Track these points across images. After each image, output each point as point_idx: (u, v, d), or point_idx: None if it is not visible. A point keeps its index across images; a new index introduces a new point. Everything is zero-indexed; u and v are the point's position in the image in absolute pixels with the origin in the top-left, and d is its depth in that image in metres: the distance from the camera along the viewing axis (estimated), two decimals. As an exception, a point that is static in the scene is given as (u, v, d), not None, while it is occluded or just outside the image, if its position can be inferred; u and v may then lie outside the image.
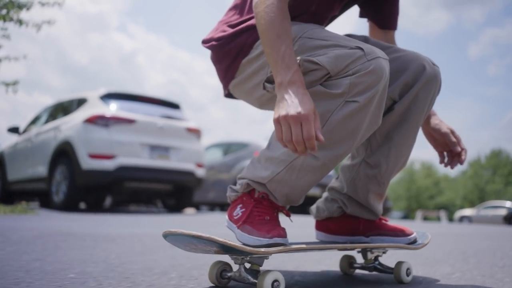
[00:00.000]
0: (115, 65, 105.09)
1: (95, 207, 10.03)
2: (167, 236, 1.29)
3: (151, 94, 8.03)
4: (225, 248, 1.24)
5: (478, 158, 45.62)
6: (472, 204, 38.19)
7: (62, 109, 8.29)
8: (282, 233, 1.31)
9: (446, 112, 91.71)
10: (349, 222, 1.65)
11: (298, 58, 1.31)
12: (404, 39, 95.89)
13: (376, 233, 1.62)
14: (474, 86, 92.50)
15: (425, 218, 33.58)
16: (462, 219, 26.91)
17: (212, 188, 10.44)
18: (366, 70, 1.28)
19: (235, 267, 1.34)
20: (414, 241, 1.60)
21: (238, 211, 1.42)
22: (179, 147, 7.61)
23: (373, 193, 1.60)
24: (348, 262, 1.73)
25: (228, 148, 10.82)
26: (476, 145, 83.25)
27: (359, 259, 1.89)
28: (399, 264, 1.57)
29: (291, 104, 1.20)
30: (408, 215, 44.37)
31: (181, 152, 7.63)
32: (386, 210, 20.09)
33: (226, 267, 1.39)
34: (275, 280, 1.22)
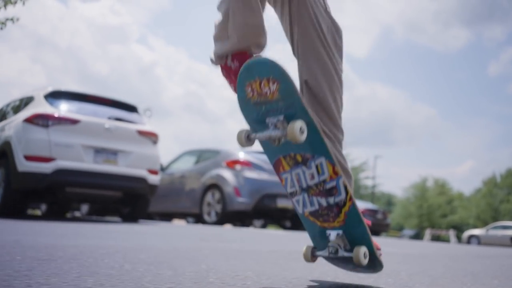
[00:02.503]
0: (135, 76, 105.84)
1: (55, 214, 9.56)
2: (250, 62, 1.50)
3: (104, 95, 7.52)
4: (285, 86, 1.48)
5: (493, 176, 44.28)
6: (484, 224, 36.90)
7: (13, 108, 7.85)
8: None
9: (463, 130, 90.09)
10: None
11: None
12: (421, 56, 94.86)
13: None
14: (493, 105, 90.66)
15: (437, 238, 32.49)
16: (470, 238, 25.92)
17: (183, 197, 9.88)
18: None
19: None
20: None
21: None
22: (129, 151, 7.08)
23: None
24: (311, 251, 1.74)
25: (200, 155, 10.28)
26: (493, 164, 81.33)
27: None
28: (358, 248, 1.61)
29: None
30: (419, 234, 43.15)
31: (130, 157, 7.09)
32: (385, 226, 19.35)
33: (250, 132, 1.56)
34: (302, 126, 1.42)
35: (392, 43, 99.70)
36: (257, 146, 1.67)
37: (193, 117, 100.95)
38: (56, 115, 6.59)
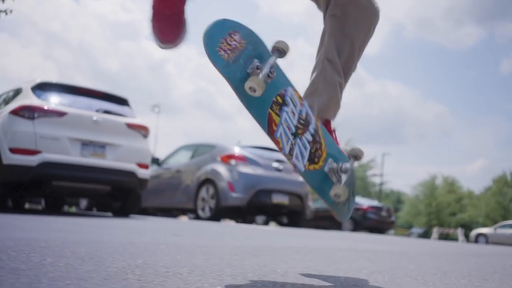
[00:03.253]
0: (145, 73, 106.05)
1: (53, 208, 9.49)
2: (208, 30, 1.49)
3: (93, 87, 7.40)
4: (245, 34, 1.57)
5: (504, 175, 43.68)
6: (494, 223, 36.40)
7: (4, 100, 7.76)
8: None
9: (474, 128, 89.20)
10: None
11: None
12: (433, 53, 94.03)
13: None
14: (505, 103, 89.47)
15: (446, 236, 32.12)
16: (478, 237, 25.59)
17: (179, 192, 9.75)
18: None
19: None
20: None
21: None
22: (117, 145, 6.95)
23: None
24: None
25: (196, 150, 10.14)
26: (504, 163, 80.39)
27: None
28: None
29: None
30: (428, 232, 42.74)
31: (119, 150, 6.96)
32: (390, 224, 19.10)
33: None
34: None
35: (403, 40, 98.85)
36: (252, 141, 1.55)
37: (203, 114, 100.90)
38: (42, 107, 6.48)
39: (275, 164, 9.22)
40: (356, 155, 1.73)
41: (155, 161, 10.88)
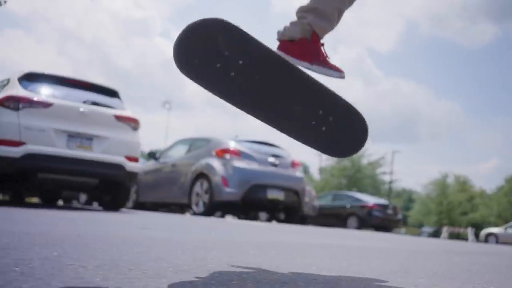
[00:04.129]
0: (157, 69, 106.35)
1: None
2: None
3: (83, 78, 7.26)
4: None
5: (517, 173, 42.95)
6: (505, 222, 35.76)
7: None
8: None
9: (489, 127, 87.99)
10: (303, 45, 1.92)
11: None
12: (446, 51, 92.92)
13: (320, 65, 1.93)
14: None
15: (457, 235, 31.66)
16: (488, 237, 25.16)
17: (174, 187, 9.61)
18: None
19: None
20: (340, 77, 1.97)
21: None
22: (105, 137, 6.81)
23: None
24: None
25: (192, 144, 9.98)
26: (519, 162, 79.10)
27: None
28: None
29: None
30: (438, 231, 42.18)
31: (107, 143, 6.82)
32: (396, 222, 18.76)
33: None
34: None
35: (416, 38, 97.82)
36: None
37: (215, 111, 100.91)
38: (27, 97, 6.36)
39: (271, 159, 9.02)
40: None
41: (152, 155, 10.77)
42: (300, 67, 1.89)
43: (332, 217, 18.27)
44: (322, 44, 1.98)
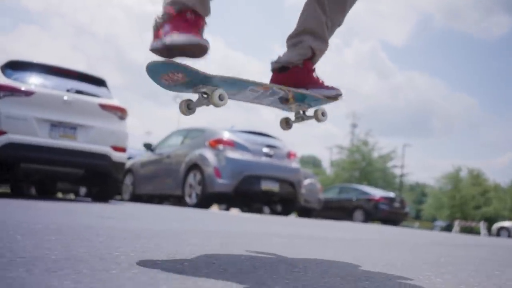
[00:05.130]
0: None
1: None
2: (150, 65, 1.65)
3: (68, 66, 7.11)
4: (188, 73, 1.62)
5: (532, 167, 42.14)
6: (519, 216, 35.23)
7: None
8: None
9: (504, 121, 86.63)
10: (296, 73, 2.01)
11: None
12: (461, 44, 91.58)
13: (315, 87, 2.00)
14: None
15: (470, 230, 31.17)
16: (500, 231, 24.72)
17: (169, 178, 9.45)
18: None
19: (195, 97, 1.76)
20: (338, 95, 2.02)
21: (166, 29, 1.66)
22: (89, 126, 6.65)
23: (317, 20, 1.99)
24: (285, 122, 2.13)
25: (187, 134, 9.80)
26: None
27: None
28: (316, 110, 2.02)
29: None
30: (451, 225, 41.62)
31: (91, 132, 6.67)
32: (403, 216, 18.41)
33: (189, 101, 1.78)
34: (221, 94, 1.65)
35: (430, 31, 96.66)
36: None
37: (228, 105, 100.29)
38: (8, 85, 6.22)
39: (266, 150, 8.81)
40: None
41: (148, 146, 10.61)
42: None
43: (338, 210, 18.01)
44: (314, 70, 2.04)
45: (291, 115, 2.20)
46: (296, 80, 1.98)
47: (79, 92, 6.75)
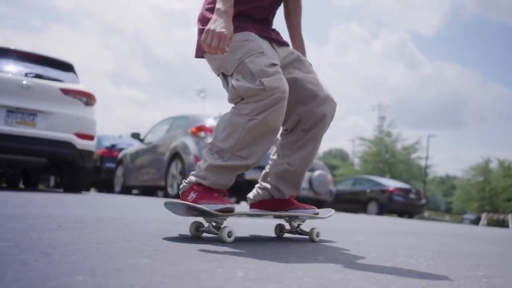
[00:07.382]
0: (197, 59, 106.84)
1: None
2: (167, 204, 2.13)
3: (34, 51, 6.75)
4: (201, 212, 2.06)
5: None
6: (552, 208, 33.65)
7: None
8: (231, 202, 2.12)
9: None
10: (275, 202, 2.48)
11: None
12: (494, 32, 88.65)
13: (293, 208, 2.47)
14: None
15: (501, 223, 29.95)
16: (526, 223, 23.51)
17: (153, 168, 9.05)
18: (264, 102, 2.09)
19: (206, 224, 2.13)
20: (317, 213, 2.50)
21: (192, 195, 2.13)
22: (50, 112, 6.29)
23: (290, 182, 2.47)
24: (279, 228, 2.59)
25: (172, 123, 9.37)
26: None
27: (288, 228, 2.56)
28: (312, 229, 2.51)
29: (220, 24, 2.02)
30: (480, 218, 40.19)
31: (52, 119, 6.30)
32: (420, 208, 17.58)
33: (200, 224, 2.18)
34: (230, 231, 2.05)
35: (462, 20, 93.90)
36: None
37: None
38: (-41, 70, 5.90)
39: (250, 137, 8.29)
40: None
41: (136, 136, 10.25)
42: None
43: (352, 203, 17.35)
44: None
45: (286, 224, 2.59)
46: (271, 206, 2.48)
47: (38, 76, 6.39)
